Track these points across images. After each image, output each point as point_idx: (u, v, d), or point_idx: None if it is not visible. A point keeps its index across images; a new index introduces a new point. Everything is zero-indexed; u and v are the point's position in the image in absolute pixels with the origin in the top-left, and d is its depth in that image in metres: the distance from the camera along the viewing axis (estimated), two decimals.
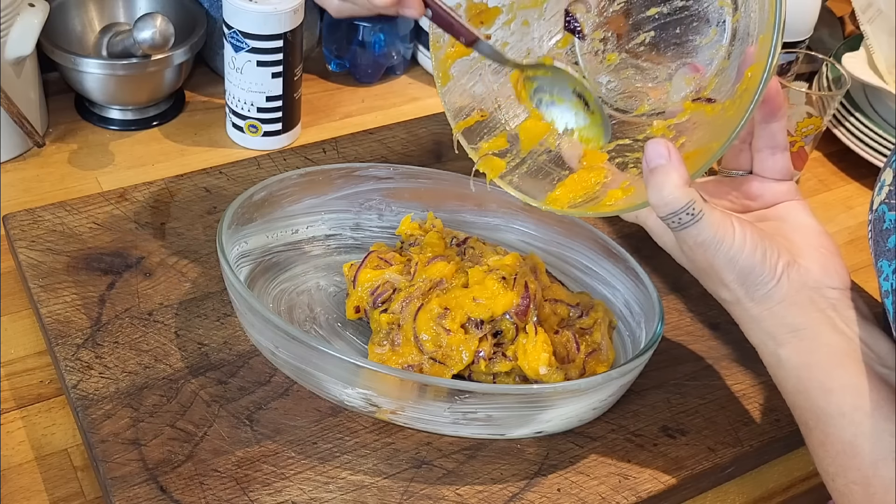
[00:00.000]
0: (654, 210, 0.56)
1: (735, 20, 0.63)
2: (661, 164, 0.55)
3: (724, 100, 0.60)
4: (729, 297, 0.58)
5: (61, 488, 0.65)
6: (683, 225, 0.55)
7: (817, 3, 1.00)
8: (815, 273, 0.56)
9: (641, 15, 0.66)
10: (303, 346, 0.65)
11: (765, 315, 0.57)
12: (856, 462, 0.54)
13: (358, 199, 0.80)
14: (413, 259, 0.73)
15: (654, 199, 0.55)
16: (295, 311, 0.75)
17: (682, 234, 0.56)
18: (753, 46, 0.58)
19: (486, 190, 0.68)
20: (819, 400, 0.55)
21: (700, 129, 0.60)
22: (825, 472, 0.57)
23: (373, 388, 0.65)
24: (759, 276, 0.56)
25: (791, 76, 0.95)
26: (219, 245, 0.69)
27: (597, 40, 0.67)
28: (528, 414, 0.65)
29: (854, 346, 0.55)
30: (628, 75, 0.66)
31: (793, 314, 0.56)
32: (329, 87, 1.04)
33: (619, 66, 0.67)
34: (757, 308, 0.57)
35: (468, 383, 0.66)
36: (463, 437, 0.67)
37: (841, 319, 0.56)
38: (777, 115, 0.59)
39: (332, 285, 0.77)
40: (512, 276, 0.69)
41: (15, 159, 0.89)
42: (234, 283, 0.67)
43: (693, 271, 0.60)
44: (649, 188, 0.55)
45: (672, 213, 0.55)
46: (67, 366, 0.68)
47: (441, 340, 0.67)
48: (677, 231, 0.56)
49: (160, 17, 0.84)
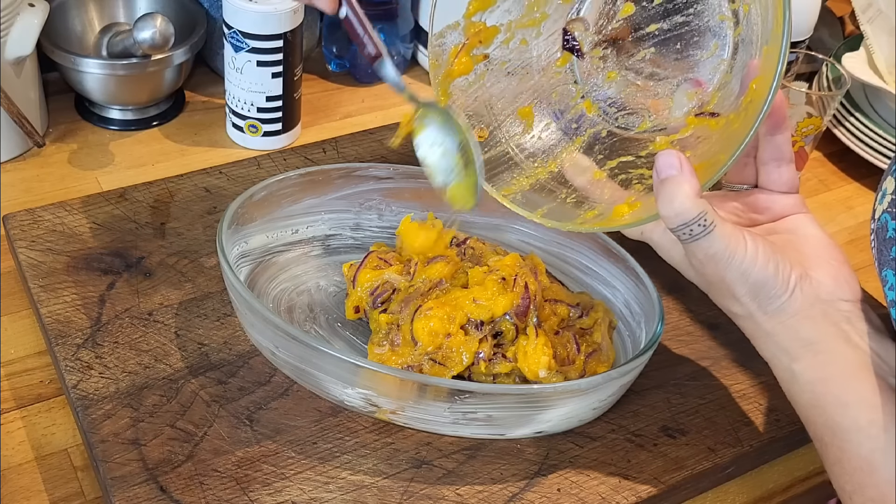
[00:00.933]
0: (664, 221, 0.55)
1: (737, 34, 0.63)
2: (673, 174, 0.54)
3: (728, 113, 0.59)
4: (740, 312, 0.57)
5: (61, 488, 0.65)
6: (695, 237, 0.54)
7: (817, 3, 1.00)
8: (828, 286, 0.56)
9: (641, 31, 0.66)
10: (303, 346, 0.65)
11: (778, 329, 0.56)
12: (873, 479, 0.53)
13: (358, 199, 0.80)
14: (413, 259, 0.73)
15: (665, 211, 0.54)
16: (295, 311, 0.75)
17: (692, 246, 0.55)
18: (757, 59, 0.57)
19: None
20: (835, 415, 0.55)
21: (704, 143, 0.60)
22: (842, 490, 0.56)
23: (373, 389, 0.65)
24: (772, 289, 0.55)
25: (791, 76, 0.95)
26: (219, 245, 0.69)
27: (596, 58, 0.67)
28: (529, 414, 0.65)
29: (868, 359, 0.55)
30: (629, 92, 0.66)
31: (806, 328, 0.55)
32: (329, 87, 1.04)
33: (620, 83, 0.67)
34: (770, 322, 0.56)
35: (468, 383, 0.66)
36: (463, 437, 0.67)
37: (855, 332, 0.55)
38: (781, 127, 0.59)
39: (332, 285, 0.77)
40: (512, 276, 0.69)
41: (15, 159, 0.89)
42: (234, 283, 0.67)
43: (702, 286, 0.60)
44: (660, 199, 0.54)
45: (683, 223, 0.54)
46: (67, 366, 0.68)
47: (440, 342, 0.67)
48: (688, 243, 0.55)
49: (160, 17, 0.84)
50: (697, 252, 0.55)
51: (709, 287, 0.59)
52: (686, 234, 0.54)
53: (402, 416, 0.66)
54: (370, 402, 0.66)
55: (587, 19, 0.67)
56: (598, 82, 0.67)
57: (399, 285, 0.71)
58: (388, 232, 0.81)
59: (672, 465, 0.68)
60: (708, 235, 0.54)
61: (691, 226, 0.54)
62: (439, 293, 0.70)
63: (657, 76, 0.66)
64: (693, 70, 0.65)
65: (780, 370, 0.58)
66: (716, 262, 0.55)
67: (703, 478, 0.68)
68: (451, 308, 0.68)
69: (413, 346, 0.67)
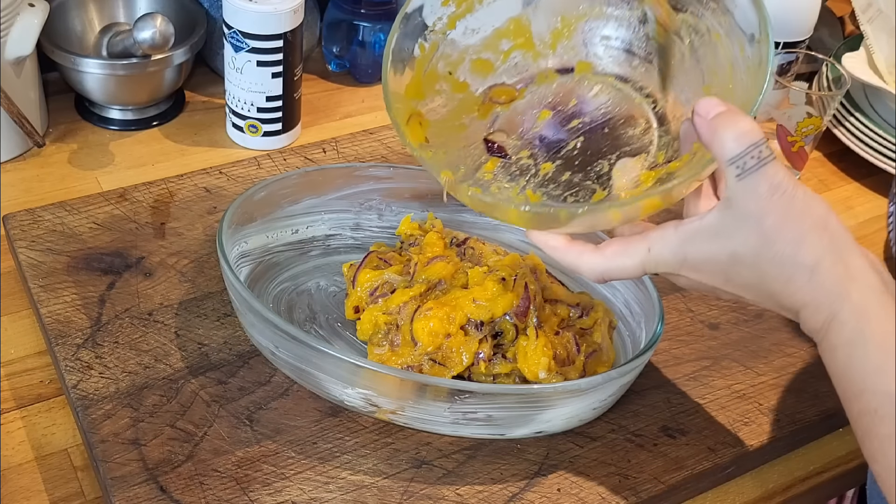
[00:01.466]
0: (720, 153, 0.51)
1: (660, 108, 0.62)
2: (722, 109, 0.52)
3: (684, 154, 0.58)
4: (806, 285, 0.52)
5: (61, 488, 0.65)
6: (763, 160, 0.51)
7: (817, 3, 1.00)
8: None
9: (562, 133, 0.65)
10: (303, 346, 0.65)
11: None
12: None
13: (358, 199, 0.80)
14: (413, 259, 0.73)
15: (730, 134, 0.51)
16: (295, 311, 0.75)
17: (754, 177, 0.51)
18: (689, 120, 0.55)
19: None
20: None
21: (677, 177, 0.58)
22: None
23: (373, 389, 0.65)
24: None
25: (791, 76, 0.95)
26: (219, 245, 0.69)
27: (524, 157, 0.65)
28: (529, 414, 0.65)
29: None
30: (568, 177, 0.64)
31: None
32: (329, 87, 1.04)
33: (556, 172, 0.64)
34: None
35: (468, 383, 0.66)
36: (463, 437, 0.67)
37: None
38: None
39: (332, 285, 0.77)
40: (511, 276, 0.69)
41: (15, 159, 0.89)
42: (234, 283, 0.67)
43: (751, 283, 0.54)
44: (719, 131, 0.51)
45: (752, 144, 0.51)
46: (67, 366, 0.68)
47: (440, 342, 0.67)
48: (745, 176, 0.51)
49: (160, 17, 0.84)
50: (762, 183, 0.51)
51: (757, 283, 0.54)
52: (754, 158, 0.51)
53: (402, 416, 0.66)
54: (370, 402, 0.66)
55: (506, 129, 0.65)
56: (534, 175, 0.65)
57: (398, 285, 0.71)
58: (388, 232, 0.81)
59: (672, 465, 0.68)
60: (773, 160, 0.51)
61: (760, 146, 0.51)
62: (439, 293, 0.70)
63: (593, 160, 0.64)
64: (628, 145, 0.63)
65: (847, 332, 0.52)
66: (781, 193, 0.51)
67: (703, 478, 0.68)
68: (451, 308, 0.68)
69: (413, 347, 0.67)
